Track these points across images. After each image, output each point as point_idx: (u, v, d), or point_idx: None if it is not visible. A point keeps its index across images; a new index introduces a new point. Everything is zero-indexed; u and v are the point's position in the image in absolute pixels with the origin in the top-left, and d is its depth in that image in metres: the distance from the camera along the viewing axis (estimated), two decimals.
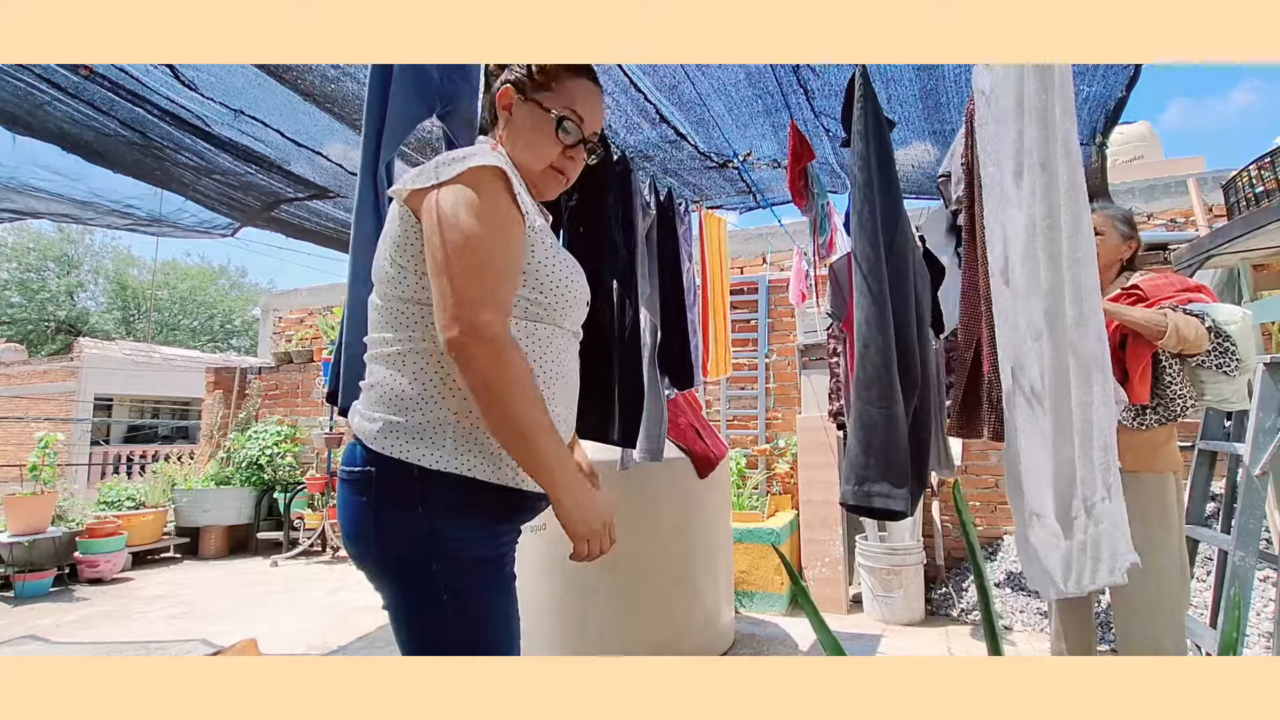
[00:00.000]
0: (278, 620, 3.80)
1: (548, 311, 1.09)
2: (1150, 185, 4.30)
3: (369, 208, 1.52)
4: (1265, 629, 2.74)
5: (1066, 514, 1.15)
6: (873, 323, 1.55)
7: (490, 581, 1.04)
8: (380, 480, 1.01)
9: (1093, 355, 1.13)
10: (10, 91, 2.18)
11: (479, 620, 1.02)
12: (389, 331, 1.05)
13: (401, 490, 1.00)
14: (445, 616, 1.00)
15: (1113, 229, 1.97)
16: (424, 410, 1.01)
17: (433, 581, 0.99)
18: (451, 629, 1.00)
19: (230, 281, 24.96)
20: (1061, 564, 1.16)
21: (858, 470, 1.52)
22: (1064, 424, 1.15)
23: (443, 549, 1.00)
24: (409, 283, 1.03)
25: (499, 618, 1.05)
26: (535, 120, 1.13)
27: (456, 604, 1.00)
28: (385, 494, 1.01)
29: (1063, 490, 1.15)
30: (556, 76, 1.14)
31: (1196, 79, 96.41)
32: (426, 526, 0.99)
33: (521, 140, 1.14)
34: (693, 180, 3.20)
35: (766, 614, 3.69)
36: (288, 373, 6.53)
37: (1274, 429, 2.13)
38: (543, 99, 1.13)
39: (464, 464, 1.01)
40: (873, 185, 1.62)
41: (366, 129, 1.49)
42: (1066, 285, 1.13)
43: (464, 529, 1.02)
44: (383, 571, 1.03)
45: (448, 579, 1.00)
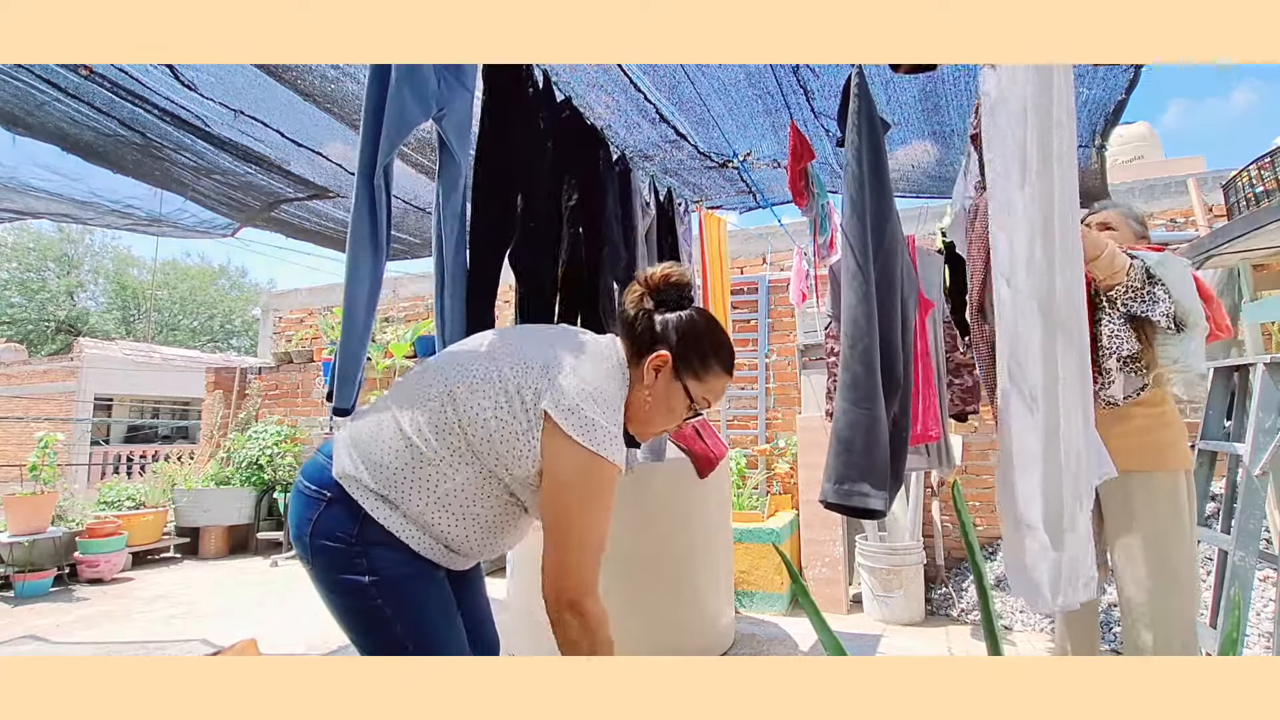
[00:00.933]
0: (278, 620, 3.80)
1: (506, 481, 1.17)
2: (1150, 185, 4.30)
3: (365, 209, 1.51)
4: (1265, 629, 2.74)
5: (1058, 525, 1.14)
6: (859, 324, 1.55)
7: (416, 582, 1.16)
8: (331, 504, 1.14)
9: (1078, 361, 1.14)
10: (10, 91, 2.18)
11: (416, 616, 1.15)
12: (423, 440, 1.14)
13: (343, 521, 1.13)
14: (384, 615, 1.13)
15: (1126, 225, 1.96)
16: (392, 488, 1.13)
17: (364, 589, 1.13)
18: (393, 622, 1.14)
19: (230, 281, 24.95)
20: (1050, 577, 1.14)
21: (839, 470, 1.53)
22: (1055, 430, 1.14)
23: (371, 567, 1.13)
24: (456, 444, 1.13)
25: (429, 603, 1.17)
26: (677, 399, 1.23)
27: (391, 606, 1.14)
28: (328, 519, 1.13)
29: (1053, 500, 1.14)
30: (710, 371, 1.23)
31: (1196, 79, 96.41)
32: (357, 549, 1.12)
33: (657, 409, 1.23)
34: (693, 180, 3.20)
35: (766, 614, 3.69)
36: (288, 373, 6.53)
37: (1274, 429, 2.13)
38: (691, 387, 1.22)
39: (402, 533, 1.14)
40: (864, 188, 1.62)
41: (364, 130, 1.49)
42: (1059, 289, 1.13)
43: (389, 553, 1.14)
44: (316, 577, 1.16)
45: (379, 589, 1.13)
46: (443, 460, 1.13)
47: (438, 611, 1.19)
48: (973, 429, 4.12)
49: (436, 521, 1.15)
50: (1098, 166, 2.67)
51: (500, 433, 1.11)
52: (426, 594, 1.17)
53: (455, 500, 1.15)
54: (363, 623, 1.16)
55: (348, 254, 1.53)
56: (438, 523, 1.16)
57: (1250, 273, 2.75)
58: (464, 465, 1.13)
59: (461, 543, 1.19)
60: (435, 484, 1.14)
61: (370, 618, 1.15)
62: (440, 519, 1.15)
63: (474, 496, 1.15)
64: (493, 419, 1.11)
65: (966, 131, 2.28)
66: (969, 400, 2.78)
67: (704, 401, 1.25)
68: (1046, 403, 1.15)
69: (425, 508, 1.14)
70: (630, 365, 1.23)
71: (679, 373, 1.21)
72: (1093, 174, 2.73)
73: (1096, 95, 2.20)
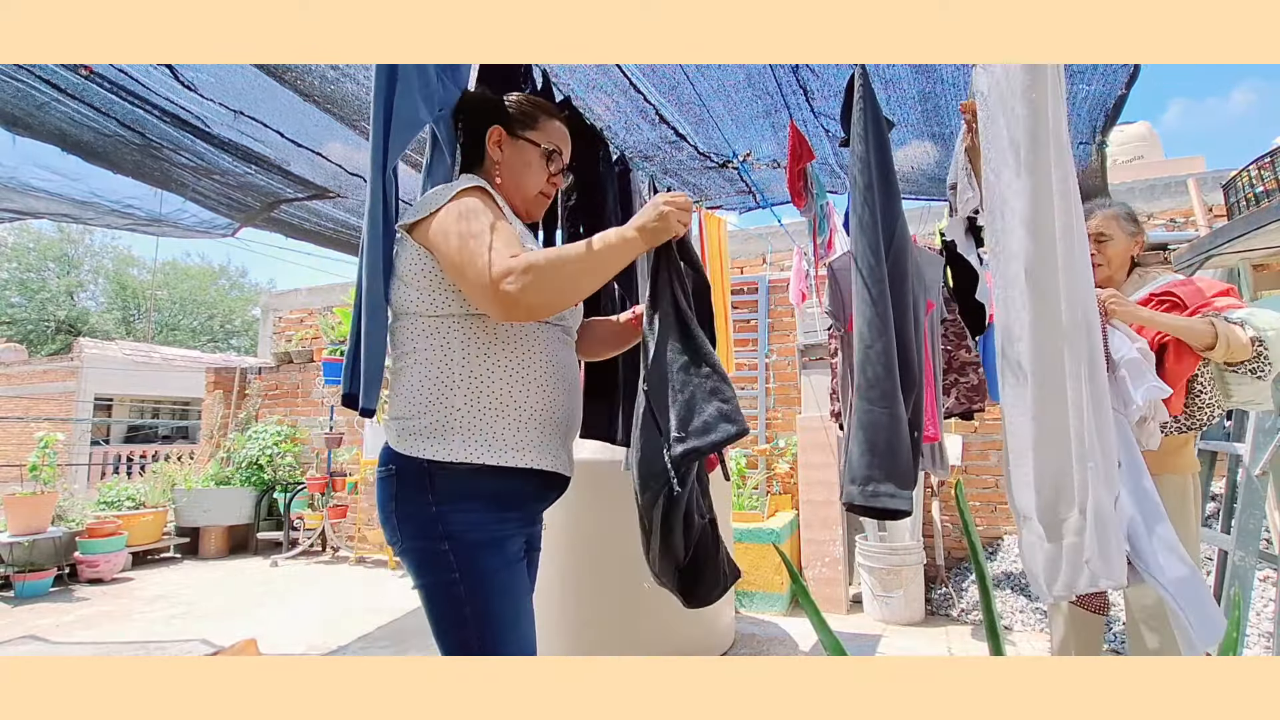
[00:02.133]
0: (278, 620, 3.80)
1: (458, 304, 1.19)
2: (1150, 185, 4.30)
3: (380, 205, 1.51)
4: (1265, 629, 2.74)
5: (1052, 515, 1.14)
6: (874, 324, 1.55)
7: (494, 562, 1.15)
8: (400, 476, 1.17)
9: (1088, 354, 1.13)
10: (10, 91, 2.18)
11: (487, 595, 1.14)
12: (398, 348, 1.24)
13: (414, 483, 1.15)
14: (459, 592, 1.13)
15: (1119, 228, 1.93)
16: (433, 412, 1.16)
17: (443, 561, 1.13)
18: (466, 603, 1.13)
19: (230, 281, 24.93)
20: (1045, 567, 1.14)
21: (863, 471, 1.52)
22: (1051, 424, 1.14)
23: (450, 531, 1.13)
24: (410, 298, 1.20)
25: (505, 593, 1.16)
26: (526, 155, 1.34)
27: (467, 580, 1.13)
28: (403, 488, 1.16)
29: (1046, 492, 1.15)
30: (537, 117, 1.36)
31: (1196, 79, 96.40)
32: (433, 512, 1.14)
33: (515, 172, 1.34)
34: (693, 180, 3.20)
35: (766, 614, 3.69)
36: (288, 373, 6.53)
37: (1274, 429, 2.13)
38: (531, 136, 1.34)
39: (472, 452, 1.14)
40: (873, 187, 1.62)
41: (374, 128, 1.49)
42: (1061, 288, 1.13)
43: (466, 513, 1.15)
44: (404, 554, 1.17)
45: (456, 558, 1.13)
46: (427, 335, 1.19)
47: (507, 593, 1.17)
48: (973, 429, 4.12)
49: (482, 389, 1.16)
50: (1098, 165, 2.67)
51: (408, 273, 1.20)
52: (500, 570, 1.16)
53: (466, 351, 1.18)
54: (438, 605, 1.15)
55: (365, 246, 1.51)
56: (485, 389, 1.16)
57: (1250, 273, 2.74)
58: (435, 320, 1.19)
59: (514, 398, 1.18)
60: (444, 355, 1.17)
61: (445, 596, 1.14)
62: (480, 380, 1.17)
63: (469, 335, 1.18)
64: (402, 272, 1.21)
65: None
66: (975, 399, 2.78)
67: (555, 149, 1.36)
68: (1041, 391, 1.14)
69: (459, 385, 1.16)
70: (474, 169, 1.36)
71: (515, 133, 1.34)
72: (1093, 173, 2.73)
73: (1096, 91, 2.19)
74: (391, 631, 3.57)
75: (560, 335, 1.30)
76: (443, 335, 1.18)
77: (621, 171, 2.60)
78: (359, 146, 2.65)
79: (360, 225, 3.23)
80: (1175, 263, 2.97)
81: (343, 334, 5.51)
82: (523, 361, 1.20)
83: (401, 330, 1.23)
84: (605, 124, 2.51)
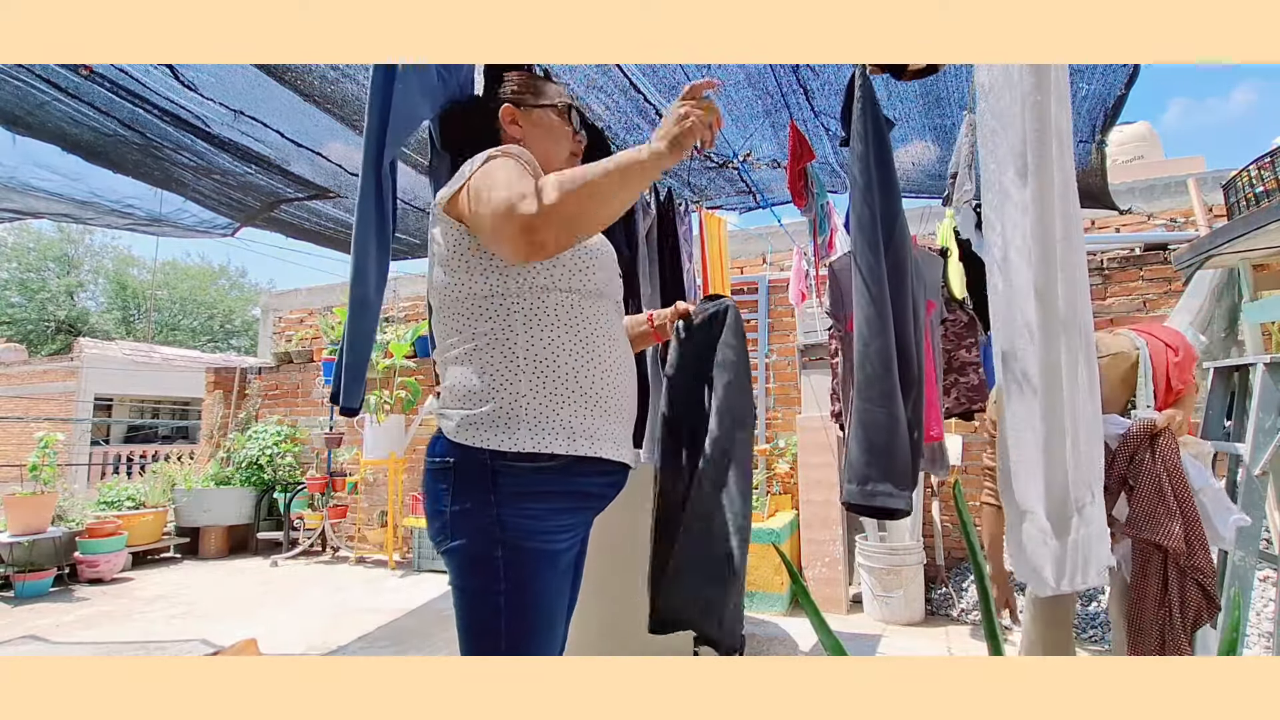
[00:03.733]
0: (278, 620, 3.80)
1: (580, 278, 1.13)
2: (1150, 185, 4.30)
3: (371, 204, 1.50)
4: (1265, 629, 2.74)
5: (1060, 512, 1.15)
6: (873, 323, 1.55)
7: (546, 576, 1.08)
8: (458, 469, 1.07)
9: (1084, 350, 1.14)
10: (10, 91, 2.18)
11: (528, 610, 1.06)
12: (452, 335, 1.13)
13: (475, 479, 1.06)
14: (499, 602, 1.05)
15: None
16: (496, 399, 1.07)
17: (493, 567, 1.05)
18: (503, 614, 1.05)
19: (230, 281, 24.92)
20: (1053, 562, 1.16)
21: (861, 470, 1.52)
22: (1056, 420, 1.15)
23: (506, 537, 1.05)
24: (460, 282, 1.11)
25: (547, 613, 1.09)
26: (548, 121, 1.28)
27: (512, 593, 1.05)
28: (461, 482, 1.07)
29: (1055, 487, 1.16)
30: (540, 85, 1.30)
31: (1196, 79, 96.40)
32: (494, 513, 1.05)
33: (540, 141, 1.26)
34: (693, 180, 3.20)
35: (766, 614, 3.69)
36: (288, 373, 6.53)
37: (1274, 429, 2.13)
38: (542, 102, 1.28)
39: (540, 441, 1.06)
40: (872, 186, 1.62)
41: (369, 124, 1.48)
42: (1059, 285, 1.14)
43: (528, 519, 1.06)
44: (450, 554, 1.08)
45: (507, 567, 1.05)
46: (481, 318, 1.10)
47: (547, 613, 1.09)
48: (973, 429, 4.12)
49: (549, 372, 1.08)
50: (1098, 164, 2.67)
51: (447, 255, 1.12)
52: (548, 588, 1.08)
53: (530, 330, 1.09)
54: (475, 611, 1.07)
55: (354, 248, 1.51)
56: (551, 372, 1.08)
57: (1250, 273, 2.74)
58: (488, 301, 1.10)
59: (581, 382, 1.10)
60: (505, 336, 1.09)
61: (485, 605, 1.05)
62: (546, 363, 1.08)
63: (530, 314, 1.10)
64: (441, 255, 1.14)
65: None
66: (975, 398, 2.78)
67: (564, 103, 1.30)
68: (1044, 394, 1.15)
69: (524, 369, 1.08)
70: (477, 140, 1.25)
71: (527, 105, 1.27)
72: (1093, 172, 2.73)
73: (1096, 90, 2.19)
74: (391, 631, 3.57)
75: (615, 310, 1.23)
76: (501, 316, 1.09)
77: None
78: (359, 146, 2.64)
79: None
80: (1175, 263, 2.97)
81: (342, 334, 5.51)
82: (588, 341, 1.12)
83: (451, 317, 1.13)
84: (605, 124, 2.51)
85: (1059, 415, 1.15)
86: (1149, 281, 3.92)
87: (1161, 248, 3.92)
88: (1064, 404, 1.14)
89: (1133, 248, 4.02)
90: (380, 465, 5.37)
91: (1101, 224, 4.31)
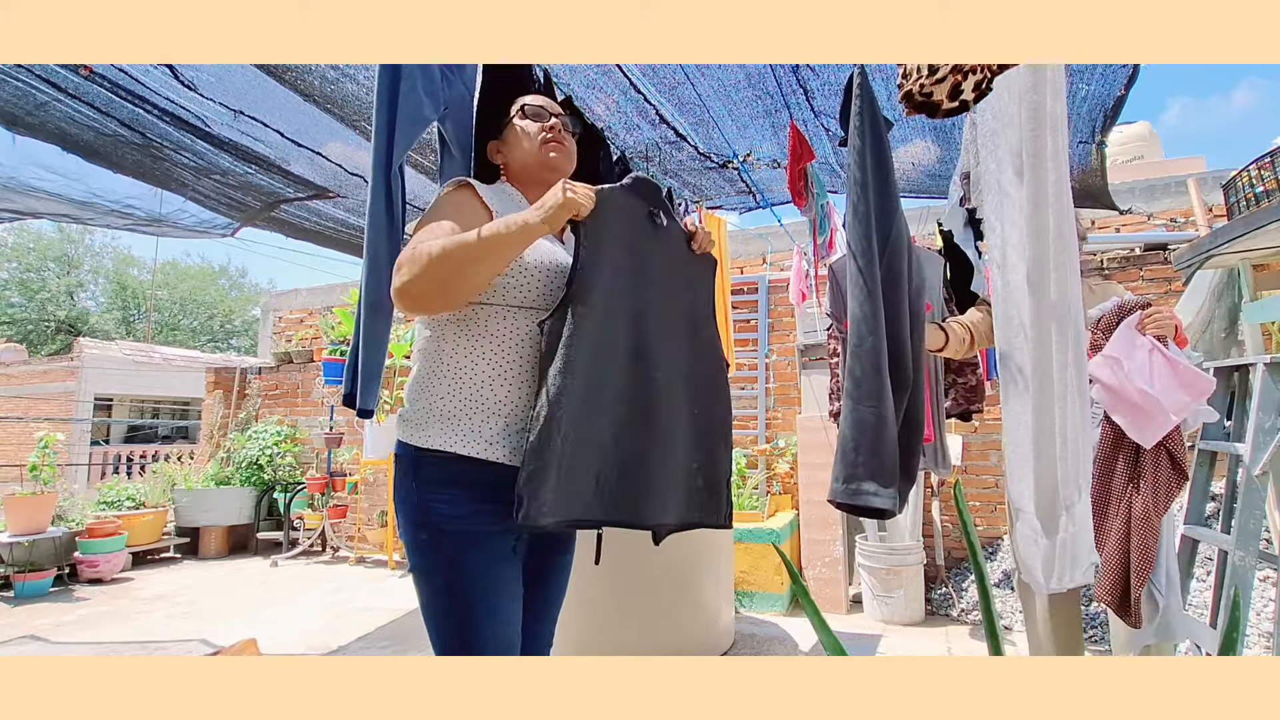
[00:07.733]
0: (278, 620, 3.80)
1: (513, 294, 1.22)
2: (1150, 185, 4.30)
3: (382, 207, 1.51)
4: (1265, 629, 2.74)
5: (1050, 511, 1.16)
6: (866, 321, 1.54)
7: (474, 557, 1.17)
8: (398, 462, 1.23)
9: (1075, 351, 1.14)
10: (10, 91, 2.18)
11: (464, 589, 1.16)
12: (418, 339, 1.29)
13: (405, 469, 1.21)
14: (439, 582, 1.17)
15: None
16: (423, 399, 1.22)
17: (424, 549, 1.17)
18: (443, 594, 1.17)
19: (230, 281, 24.93)
20: (1043, 561, 1.17)
21: (847, 469, 1.52)
22: (1047, 417, 1.15)
23: (428, 520, 1.17)
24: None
25: (483, 593, 1.17)
26: (515, 133, 1.40)
27: (447, 571, 1.16)
28: (399, 474, 1.23)
29: (1045, 486, 1.16)
30: (507, 109, 1.43)
31: (1196, 79, 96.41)
32: (416, 500, 1.18)
33: (518, 149, 1.39)
34: (693, 180, 3.20)
35: (766, 614, 3.69)
36: (288, 373, 6.53)
37: (1274, 429, 2.13)
38: (510, 119, 1.41)
39: (448, 441, 1.17)
40: (868, 185, 1.62)
41: (377, 128, 1.48)
42: (1051, 283, 1.14)
43: (444, 504, 1.17)
44: (402, 538, 1.22)
45: (436, 549, 1.17)
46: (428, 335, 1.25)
47: (481, 588, 1.17)
48: (973, 429, 4.12)
49: (464, 383, 1.19)
50: (1098, 165, 2.67)
51: None
52: (476, 565, 1.17)
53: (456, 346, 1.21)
54: (421, 593, 1.19)
55: (366, 252, 1.51)
56: (467, 383, 1.19)
57: (1250, 273, 2.74)
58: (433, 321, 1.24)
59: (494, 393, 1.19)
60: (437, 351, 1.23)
61: (426, 585, 1.18)
62: (463, 375, 1.19)
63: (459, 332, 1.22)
64: None
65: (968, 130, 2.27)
66: (972, 399, 2.78)
67: (529, 105, 1.40)
68: (1035, 394, 1.16)
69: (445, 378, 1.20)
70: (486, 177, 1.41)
71: (502, 131, 1.42)
72: (1093, 173, 2.73)
73: (1095, 91, 2.19)
74: (391, 631, 3.57)
75: (521, 315, 1.29)
76: (438, 333, 1.24)
77: (622, 173, 2.60)
78: (359, 146, 2.65)
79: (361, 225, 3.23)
80: (1175, 263, 2.97)
81: (343, 334, 5.51)
82: (505, 359, 1.21)
83: (417, 333, 1.30)
84: (605, 124, 2.51)
85: (1049, 412, 1.15)
86: (1149, 281, 3.92)
87: (1161, 248, 3.93)
88: (1054, 401, 1.15)
89: (1133, 248, 4.02)
90: (380, 465, 5.37)
91: (1102, 224, 4.31)
